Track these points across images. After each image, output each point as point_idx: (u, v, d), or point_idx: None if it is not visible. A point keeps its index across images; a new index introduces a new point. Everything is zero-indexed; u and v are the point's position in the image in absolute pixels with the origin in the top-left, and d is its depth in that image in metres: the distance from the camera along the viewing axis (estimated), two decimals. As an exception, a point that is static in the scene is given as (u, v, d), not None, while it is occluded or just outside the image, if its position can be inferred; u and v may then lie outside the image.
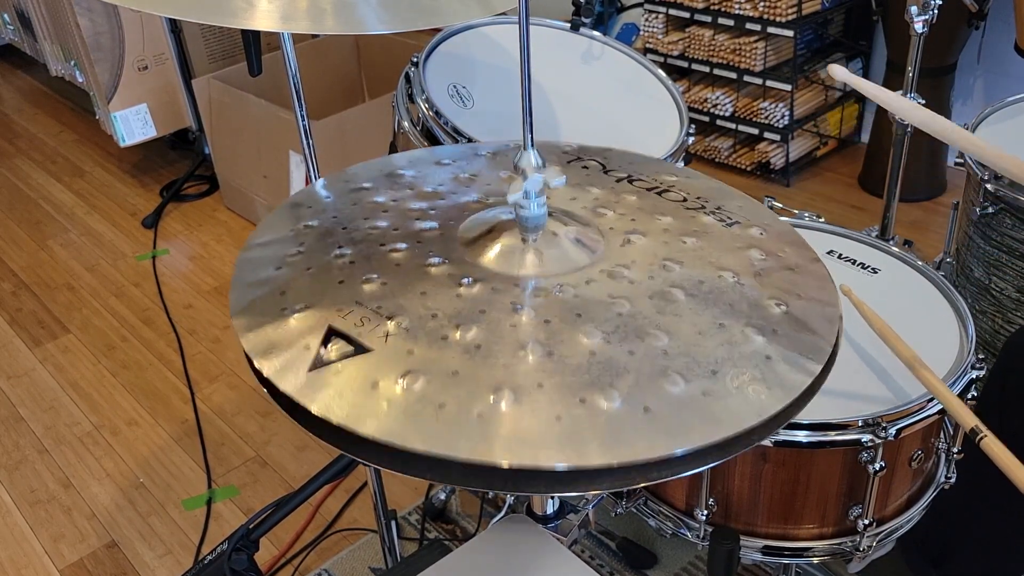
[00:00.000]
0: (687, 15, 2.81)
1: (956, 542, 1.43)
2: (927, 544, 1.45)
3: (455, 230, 0.88)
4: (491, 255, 0.83)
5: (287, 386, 0.70)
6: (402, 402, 0.69)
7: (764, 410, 0.69)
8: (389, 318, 0.75)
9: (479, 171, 1.00)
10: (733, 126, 2.89)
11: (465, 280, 0.80)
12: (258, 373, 0.74)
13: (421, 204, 0.93)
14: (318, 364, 0.72)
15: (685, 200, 0.95)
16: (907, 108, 1.21)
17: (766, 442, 1.11)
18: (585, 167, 1.01)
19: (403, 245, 0.86)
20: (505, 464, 0.65)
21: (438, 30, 1.62)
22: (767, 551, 1.20)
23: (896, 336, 1.10)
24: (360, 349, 0.73)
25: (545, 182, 0.83)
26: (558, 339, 0.74)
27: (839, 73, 1.22)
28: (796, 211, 1.46)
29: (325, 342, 0.73)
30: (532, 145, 0.82)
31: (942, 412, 1.13)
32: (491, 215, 0.89)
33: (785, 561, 1.21)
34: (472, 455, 0.65)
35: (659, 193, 0.96)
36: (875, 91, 1.23)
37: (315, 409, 0.69)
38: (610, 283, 0.80)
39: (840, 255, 1.37)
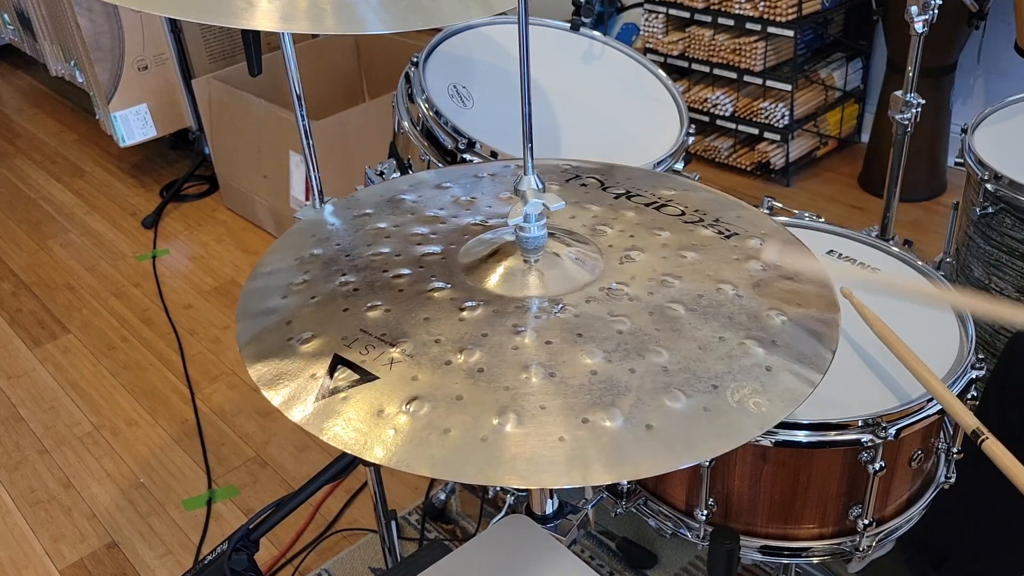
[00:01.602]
0: (687, 15, 2.81)
1: (955, 543, 1.43)
2: (927, 545, 1.45)
3: (456, 253, 0.89)
4: (493, 278, 0.84)
5: (295, 416, 0.71)
6: (408, 429, 0.69)
7: (765, 422, 0.70)
8: (393, 345, 0.76)
9: (479, 193, 1.01)
10: (733, 126, 2.88)
11: (467, 304, 0.81)
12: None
13: (423, 229, 0.94)
14: (325, 394, 0.72)
15: (683, 214, 0.95)
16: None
17: (766, 442, 1.11)
18: (583, 185, 1.02)
19: (406, 271, 0.86)
20: (512, 486, 0.66)
21: (438, 30, 1.62)
22: (767, 551, 1.20)
23: (897, 339, 1.10)
24: (366, 377, 0.73)
25: (544, 206, 0.84)
26: (560, 360, 0.74)
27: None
28: (796, 211, 1.46)
29: (331, 371, 0.74)
30: (532, 170, 0.83)
31: (942, 412, 1.13)
32: (492, 237, 0.90)
33: (785, 561, 1.21)
34: (478, 479, 0.66)
35: (657, 208, 0.96)
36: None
37: (324, 437, 0.70)
38: (610, 301, 0.81)
39: (840, 255, 1.37)
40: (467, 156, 1.38)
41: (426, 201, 1.00)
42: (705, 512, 1.18)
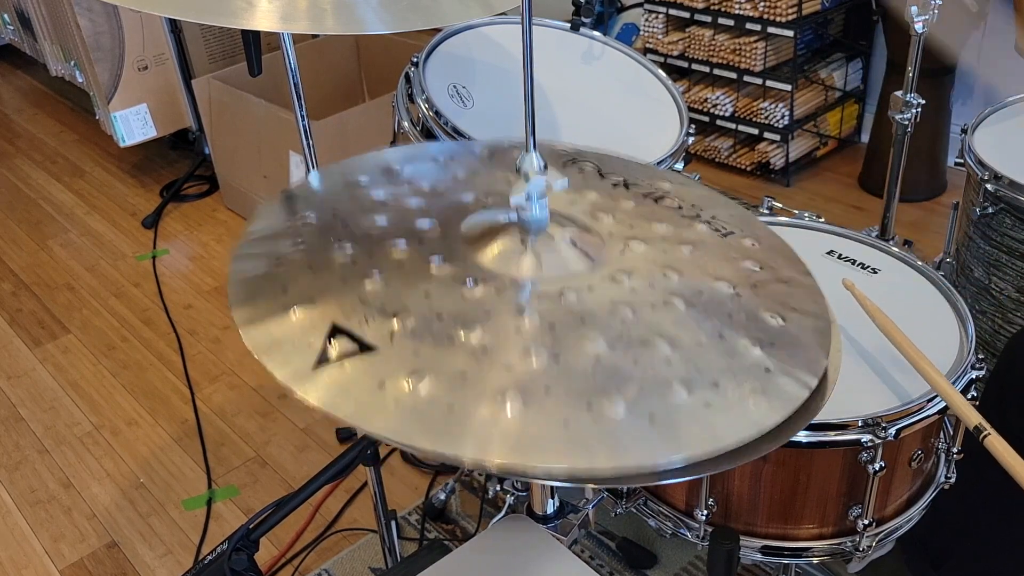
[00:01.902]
0: (687, 15, 2.81)
1: (955, 544, 1.43)
2: (927, 546, 1.45)
3: (455, 230, 0.87)
4: (493, 257, 0.83)
5: (292, 383, 0.70)
6: (410, 401, 0.68)
7: (764, 423, 0.70)
8: (394, 316, 0.75)
9: (476, 170, 1.00)
10: (733, 126, 2.89)
11: (468, 281, 0.80)
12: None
13: (419, 202, 0.93)
14: (322, 360, 0.71)
15: (680, 208, 0.95)
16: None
17: (766, 442, 1.11)
18: (581, 170, 1.01)
19: (403, 243, 0.85)
20: (515, 467, 0.65)
21: (438, 30, 1.62)
22: (767, 551, 1.20)
23: (899, 331, 1.10)
24: (365, 347, 0.72)
25: (548, 184, 0.83)
26: (563, 344, 0.74)
27: None
28: (796, 211, 1.46)
29: (329, 339, 0.73)
30: (535, 147, 0.82)
31: (942, 412, 1.13)
32: (491, 216, 0.89)
33: (785, 561, 1.21)
34: (481, 456, 0.65)
35: (655, 200, 0.96)
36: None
37: (322, 406, 0.68)
38: (612, 290, 0.80)
39: (840, 255, 1.37)
40: (467, 156, 1.38)
41: (421, 175, 0.99)
42: (705, 512, 1.18)
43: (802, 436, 1.10)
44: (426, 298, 0.78)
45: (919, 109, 1.59)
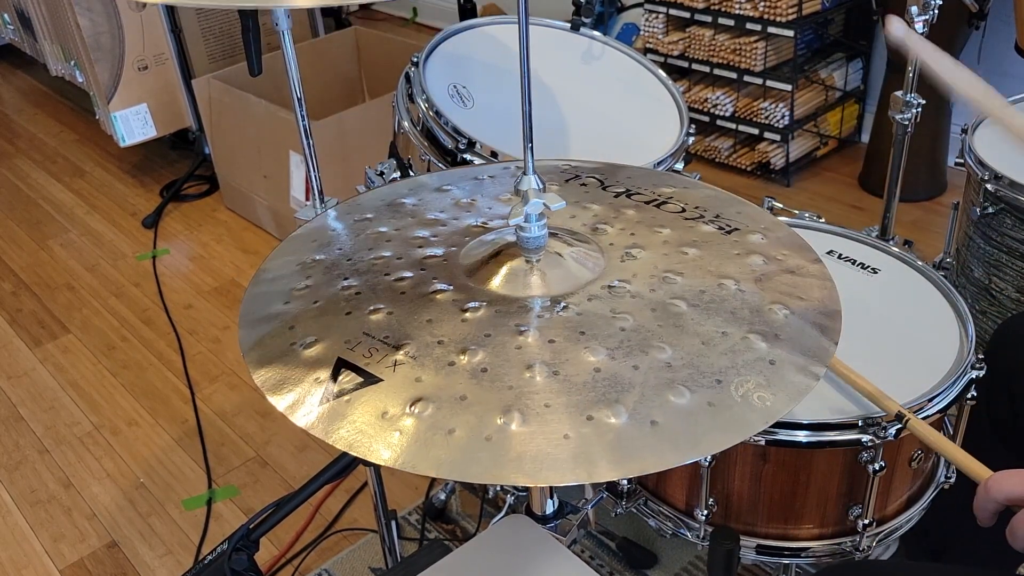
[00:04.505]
0: (687, 15, 2.81)
1: (956, 536, 1.43)
2: (928, 538, 1.45)
3: (458, 255, 0.89)
4: (494, 278, 0.84)
5: (300, 420, 0.72)
6: (413, 430, 0.69)
7: (770, 416, 0.70)
8: (397, 347, 0.76)
9: (479, 195, 1.02)
10: (733, 126, 2.88)
11: (470, 305, 0.81)
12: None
13: (423, 232, 0.94)
14: (329, 398, 0.73)
15: (683, 211, 0.95)
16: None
17: (766, 442, 1.11)
18: (583, 184, 1.02)
19: (408, 274, 0.87)
20: (518, 484, 0.66)
21: (438, 30, 1.62)
22: (767, 551, 1.20)
23: None
24: (370, 380, 0.73)
25: (545, 205, 0.84)
26: (563, 358, 0.74)
27: (898, 30, 1.06)
28: (796, 211, 1.46)
29: (335, 375, 0.74)
30: (533, 169, 0.83)
31: (942, 412, 1.13)
32: (493, 238, 0.90)
33: (785, 561, 1.21)
34: (484, 479, 0.66)
35: (657, 205, 0.97)
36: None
37: (329, 441, 0.70)
38: (612, 299, 0.81)
39: (840, 255, 1.37)
40: (467, 156, 1.38)
41: (426, 204, 1.01)
42: (705, 512, 1.18)
43: (802, 436, 1.10)
44: (428, 325, 0.79)
45: (919, 109, 1.59)
